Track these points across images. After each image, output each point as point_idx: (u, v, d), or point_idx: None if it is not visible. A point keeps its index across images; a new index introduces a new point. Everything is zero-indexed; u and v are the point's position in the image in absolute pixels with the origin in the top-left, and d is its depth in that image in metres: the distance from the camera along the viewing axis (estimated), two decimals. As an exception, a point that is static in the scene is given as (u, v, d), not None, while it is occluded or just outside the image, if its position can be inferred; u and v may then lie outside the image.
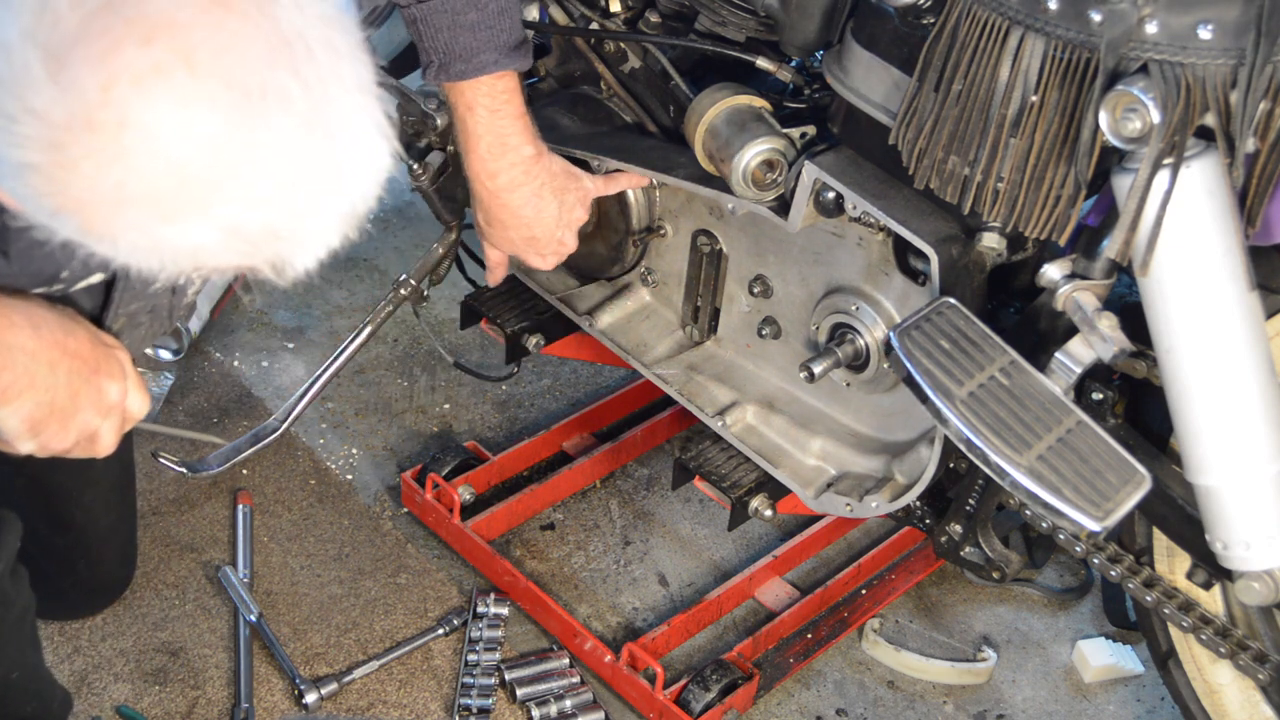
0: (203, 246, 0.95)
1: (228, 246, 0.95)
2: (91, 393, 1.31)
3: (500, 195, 1.72)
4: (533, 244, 1.80)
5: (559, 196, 1.76)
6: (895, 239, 1.72)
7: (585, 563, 2.29)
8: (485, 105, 1.64)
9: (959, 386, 1.49)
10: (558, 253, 1.83)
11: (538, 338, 2.18)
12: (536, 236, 1.78)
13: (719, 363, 2.03)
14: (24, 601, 1.64)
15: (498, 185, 1.71)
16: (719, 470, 1.97)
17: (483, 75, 1.61)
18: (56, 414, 1.29)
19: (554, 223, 1.78)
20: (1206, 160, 1.36)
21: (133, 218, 0.92)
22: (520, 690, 2.04)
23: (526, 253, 1.82)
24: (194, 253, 0.95)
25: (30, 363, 1.25)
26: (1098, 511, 1.44)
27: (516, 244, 1.80)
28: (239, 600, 2.10)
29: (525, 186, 1.72)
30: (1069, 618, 2.31)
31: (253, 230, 0.95)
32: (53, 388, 1.27)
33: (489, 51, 1.60)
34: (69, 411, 1.30)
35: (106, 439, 1.35)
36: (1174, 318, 1.41)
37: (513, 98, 1.66)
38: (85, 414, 1.31)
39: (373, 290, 2.82)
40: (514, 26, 1.62)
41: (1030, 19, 1.36)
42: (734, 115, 1.73)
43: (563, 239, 1.81)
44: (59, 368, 1.27)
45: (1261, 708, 1.78)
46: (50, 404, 1.28)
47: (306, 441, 2.44)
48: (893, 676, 2.18)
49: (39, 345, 1.26)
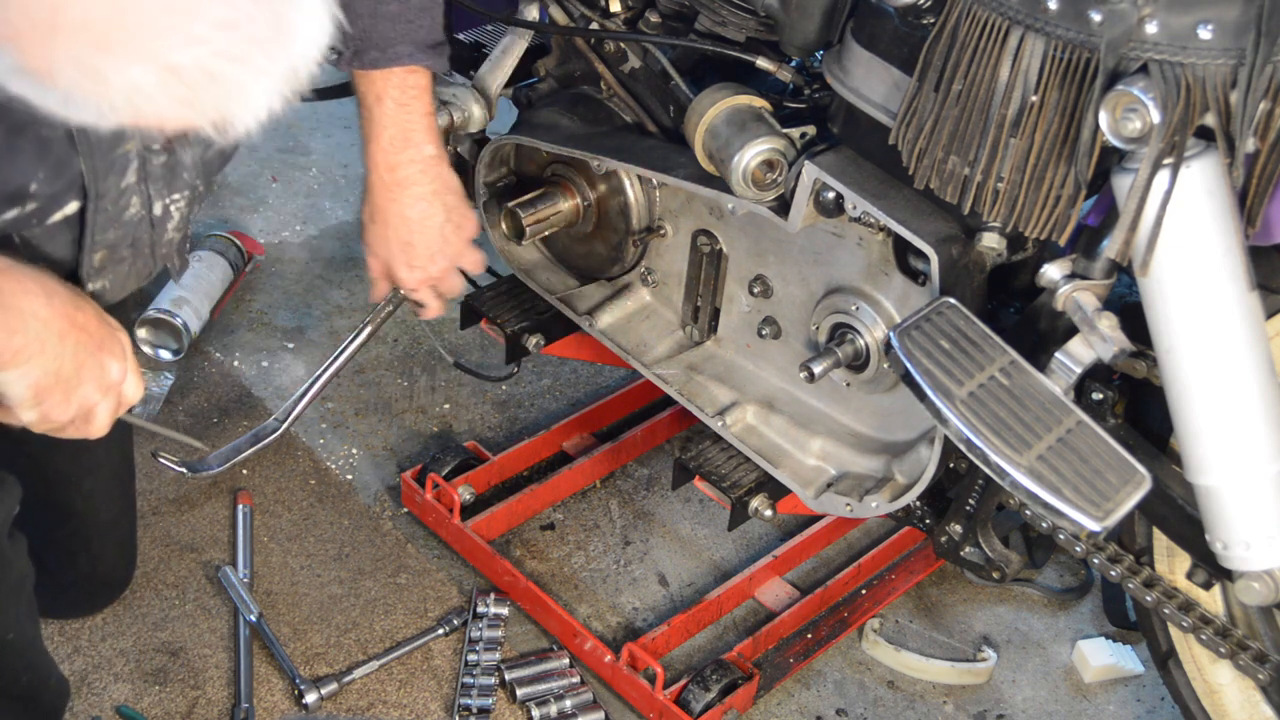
0: (140, 88, 0.94)
1: (165, 90, 0.94)
2: (95, 367, 1.34)
3: (394, 190, 1.71)
4: (408, 251, 1.75)
5: (448, 211, 1.74)
6: (895, 239, 1.72)
7: (585, 563, 2.29)
8: (394, 98, 1.65)
9: (959, 386, 1.49)
10: (427, 272, 1.77)
11: (538, 338, 2.18)
12: (414, 244, 1.75)
13: (719, 363, 2.04)
14: (22, 567, 1.64)
15: (395, 179, 1.70)
16: (719, 470, 1.97)
17: (395, 66, 1.62)
18: (61, 384, 1.31)
19: (436, 234, 1.75)
20: (1206, 160, 1.36)
21: (69, 48, 0.91)
22: (520, 690, 2.04)
23: (398, 261, 1.77)
24: (131, 96, 0.94)
25: (42, 329, 1.28)
26: (1098, 511, 1.44)
27: (393, 248, 1.76)
28: (239, 600, 2.10)
29: (420, 186, 1.71)
30: (1069, 618, 2.31)
31: (190, 72, 0.94)
32: (60, 357, 1.30)
33: (405, 44, 1.61)
34: (73, 383, 1.32)
35: (101, 418, 1.37)
36: (1174, 318, 1.41)
37: (422, 95, 1.67)
38: (87, 388, 1.34)
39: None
40: (434, 26, 1.63)
41: (1030, 19, 1.36)
42: (734, 115, 1.73)
43: (436, 258, 1.76)
44: (68, 338, 1.30)
45: (1261, 708, 1.78)
46: (56, 373, 1.30)
47: (306, 441, 2.45)
48: (893, 676, 2.18)
49: (51, 314, 1.29)
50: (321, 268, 2.87)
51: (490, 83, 2.05)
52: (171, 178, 1.39)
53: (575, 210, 2.04)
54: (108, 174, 1.31)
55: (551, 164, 2.06)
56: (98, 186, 1.31)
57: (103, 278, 1.41)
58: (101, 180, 1.31)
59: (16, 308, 1.27)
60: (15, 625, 1.65)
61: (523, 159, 2.13)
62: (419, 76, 1.65)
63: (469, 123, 2.04)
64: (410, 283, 1.79)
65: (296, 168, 3.17)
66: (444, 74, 1.71)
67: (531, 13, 1.97)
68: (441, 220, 1.74)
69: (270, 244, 2.91)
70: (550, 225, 2.04)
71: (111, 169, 1.31)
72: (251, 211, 3.01)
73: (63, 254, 1.37)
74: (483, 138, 2.12)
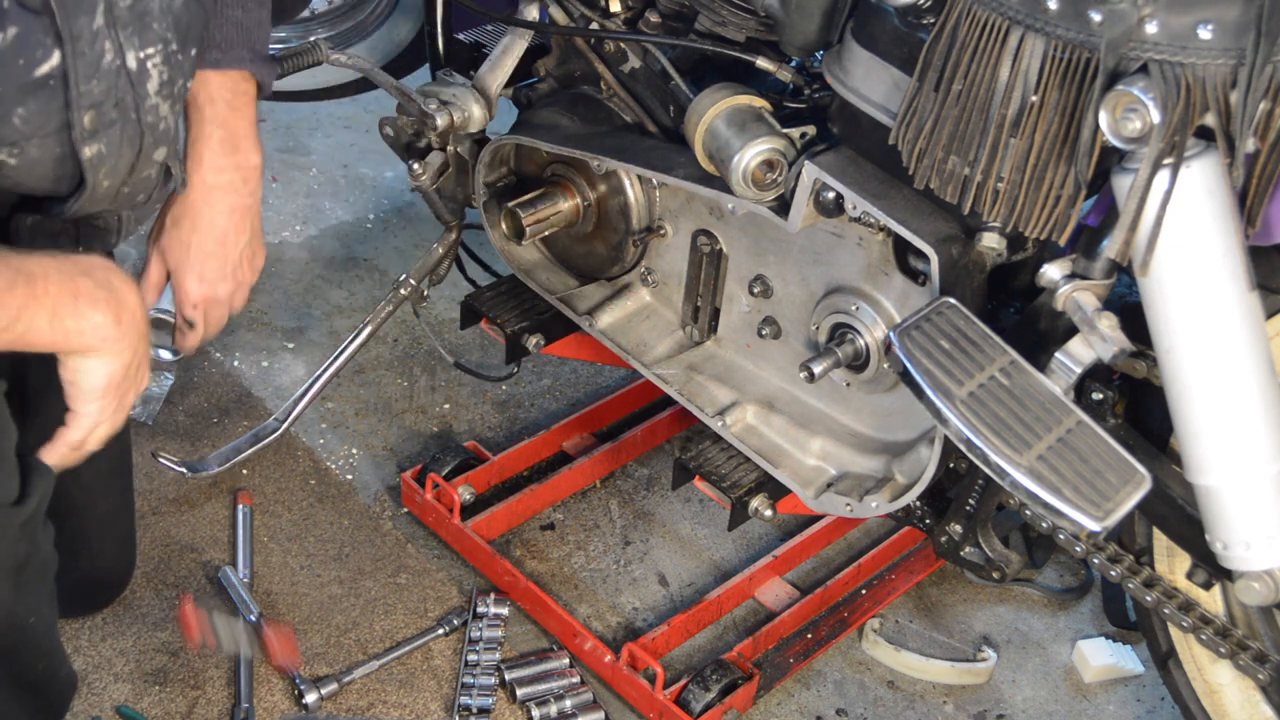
0: None
1: None
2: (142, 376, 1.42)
3: (212, 194, 1.68)
4: (205, 262, 1.70)
5: (253, 234, 1.73)
6: (895, 239, 1.72)
7: (585, 563, 2.29)
8: (227, 100, 1.65)
9: (959, 386, 1.49)
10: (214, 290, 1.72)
11: (538, 338, 2.18)
12: (213, 255, 1.70)
13: (719, 363, 2.04)
14: (47, 554, 1.65)
15: (217, 182, 1.68)
16: (719, 470, 1.97)
17: (233, 69, 1.64)
18: (126, 381, 1.40)
19: (236, 255, 1.72)
20: (1206, 160, 1.36)
21: None
22: (520, 690, 2.04)
23: (191, 272, 1.70)
24: None
25: (133, 325, 1.37)
26: (1098, 511, 1.44)
27: (192, 255, 1.70)
28: (239, 600, 2.10)
29: (239, 197, 1.69)
30: (1069, 618, 2.31)
31: None
32: (135, 355, 1.39)
33: (244, 49, 1.64)
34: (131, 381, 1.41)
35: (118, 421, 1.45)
36: (1174, 318, 1.41)
37: (251, 103, 1.69)
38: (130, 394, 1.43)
39: (373, 290, 2.82)
40: (266, 40, 1.67)
41: (1030, 19, 1.36)
42: (734, 115, 1.73)
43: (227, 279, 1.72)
44: (142, 341, 1.39)
45: (1261, 708, 1.78)
46: (127, 369, 1.39)
47: (306, 441, 2.45)
48: (893, 676, 2.18)
49: (140, 313, 1.38)
50: (321, 268, 2.87)
51: (490, 83, 2.05)
52: (141, 26, 1.41)
53: (575, 210, 2.04)
54: (77, 13, 1.32)
55: (551, 164, 2.06)
56: (71, 28, 1.32)
57: (97, 141, 1.42)
58: (73, 19, 1.32)
59: (121, 300, 1.35)
60: (37, 610, 1.66)
61: (523, 159, 2.13)
62: (250, 85, 1.68)
63: (469, 123, 2.04)
64: (194, 296, 1.73)
65: (296, 168, 3.17)
66: (266, 94, 1.74)
67: (531, 13, 1.97)
68: (248, 239, 1.73)
69: (270, 244, 2.91)
70: (550, 225, 2.04)
71: (80, 7, 1.33)
72: (251, 211, 3.01)
73: (56, 122, 1.38)
74: (483, 138, 2.12)
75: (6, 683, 1.66)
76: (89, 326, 1.35)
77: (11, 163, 1.38)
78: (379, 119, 2.11)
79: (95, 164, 1.45)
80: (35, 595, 1.65)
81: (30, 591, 1.63)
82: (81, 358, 1.38)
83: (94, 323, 1.35)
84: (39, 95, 1.35)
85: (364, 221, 3.02)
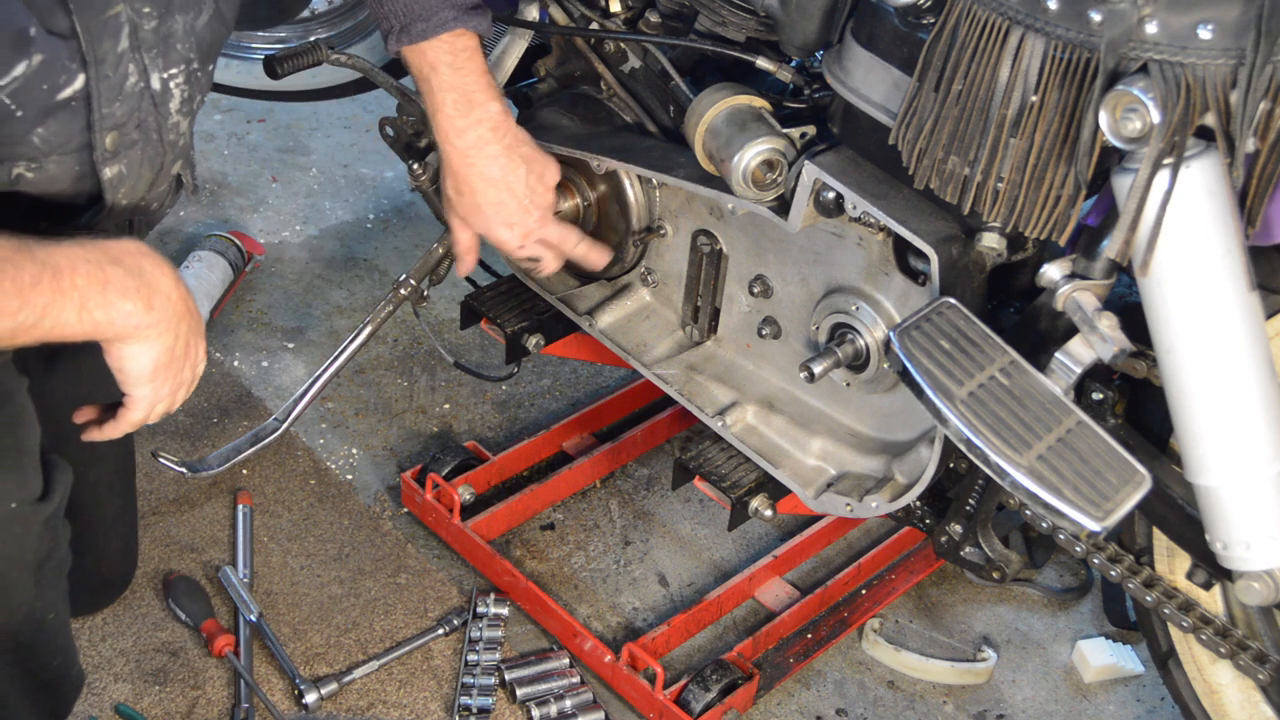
0: None
1: None
2: (196, 349, 1.44)
3: (469, 154, 1.72)
4: (502, 211, 1.76)
5: (527, 163, 1.76)
6: (895, 239, 1.72)
7: (585, 563, 2.29)
8: (447, 63, 1.66)
9: (959, 386, 1.49)
10: (525, 226, 1.79)
11: (538, 338, 2.18)
12: (505, 202, 1.76)
13: (719, 363, 2.04)
14: (64, 551, 1.66)
15: (466, 143, 1.71)
16: (719, 470, 1.97)
17: (443, 33, 1.64)
18: (174, 362, 1.41)
19: (524, 189, 1.76)
20: (1206, 160, 1.35)
21: None
22: (520, 690, 2.04)
23: (495, 223, 1.78)
24: None
25: (169, 307, 1.37)
26: (1098, 511, 1.44)
27: (485, 212, 1.77)
28: (239, 600, 2.10)
29: (494, 144, 1.72)
30: (1069, 618, 2.31)
31: None
32: (178, 335, 1.40)
33: (447, 9, 1.64)
34: (180, 363, 1.42)
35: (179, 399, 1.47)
36: (1174, 318, 1.41)
37: (474, 55, 1.68)
38: (186, 371, 1.44)
39: (373, 290, 2.82)
40: None
41: (1030, 19, 1.36)
42: (734, 115, 1.73)
43: (530, 210, 1.78)
44: (184, 320, 1.40)
45: (1261, 708, 1.78)
46: (172, 350, 1.40)
47: (306, 441, 2.45)
48: (893, 676, 2.18)
49: (176, 293, 1.38)
50: (321, 268, 2.87)
51: (490, 83, 2.05)
52: (165, 48, 1.41)
53: (575, 210, 2.04)
54: (102, 36, 1.32)
55: (551, 164, 2.06)
56: (96, 51, 1.32)
57: (118, 162, 1.42)
58: (98, 43, 1.32)
59: (153, 285, 1.35)
60: (54, 606, 1.66)
61: (523, 159, 2.13)
62: (467, 39, 1.67)
63: (469, 123, 2.04)
64: (515, 241, 1.80)
65: (296, 168, 3.17)
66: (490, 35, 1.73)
67: (531, 13, 1.97)
68: (524, 172, 1.75)
69: (270, 244, 2.91)
70: (550, 225, 2.04)
71: (105, 31, 1.32)
72: (251, 211, 3.01)
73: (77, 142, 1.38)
74: (483, 138, 2.11)
75: (22, 680, 1.66)
76: (119, 315, 1.34)
77: (29, 176, 1.38)
78: (379, 119, 2.11)
79: (115, 184, 1.45)
80: (55, 591, 1.66)
81: (50, 587, 1.63)
82: (121, 344, 1.38)
83: (124, 311, 1.34)
84: (60, 116, 1.35)
85: (364, 221, 3.02)
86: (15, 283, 1.25)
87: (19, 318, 1.27)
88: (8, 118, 1.30)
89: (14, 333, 1.28)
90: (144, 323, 1.36)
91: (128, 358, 1.39)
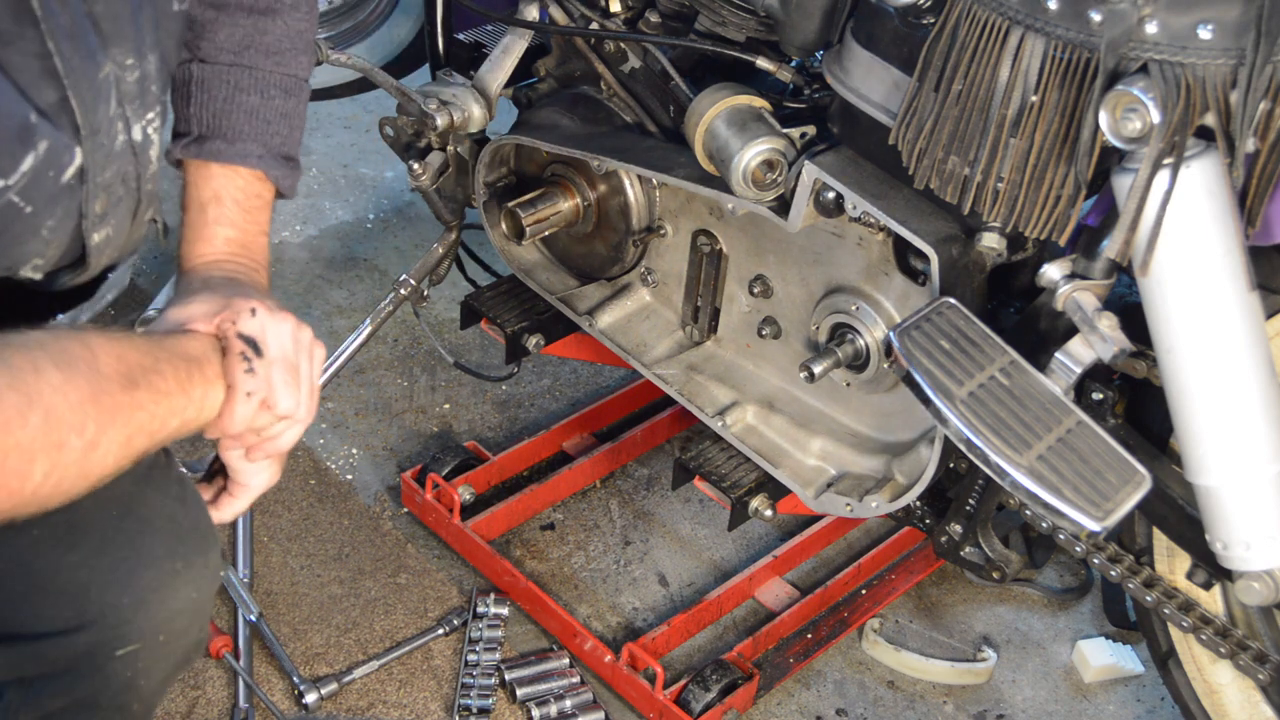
0: None
1: None
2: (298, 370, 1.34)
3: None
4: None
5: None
6: (895, 239, 1.72)
7: (585, 563, 2.29)
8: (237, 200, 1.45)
9: (959, 386, 1.49)
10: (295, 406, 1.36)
11: (538, 338, 2.18)
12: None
13: (719, 363, 2.04)
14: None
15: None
16: (719, 470, 1.97)
17: (240, 166, 1.43)
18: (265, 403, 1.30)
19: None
20: (1206, 160, 1.35)
21: None
22: (520, 690, 2.04)
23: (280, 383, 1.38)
24: None
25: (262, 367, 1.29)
26: (1098, 511, 1.44)
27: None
28: (239, 600, 2.10)
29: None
30: (1069, 618, 2.31)
31: None
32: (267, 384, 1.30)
33: (256, 144, 1.43)
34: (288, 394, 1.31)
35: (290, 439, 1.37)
36: (1174, 318, 1.41)
37: (265, 210, 1.47)
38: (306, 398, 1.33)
39: (373, 290, 2.82)
40: (291, 139, 1.46)
41: (1030, 19, 1.36)
42: (734, 115, 1.73)
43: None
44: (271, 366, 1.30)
45: (1261, 708, 1.78)
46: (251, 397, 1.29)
47: (306, 441, 2.44)
48: (893, 676, 2.18)
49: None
50: (321, 268, 2.87)
51: (490, 83, 2.05)
52: (142, 92, 1.30)
53: (575, 210, 2.04)
54: (96, 104, 1.22)
55: (551, 164, 2.06)
56: (91, 122, 1.22)
57: (106, 225, 1.32)
58: (92, 113, 1.22)
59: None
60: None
61: (523, 159, 2.13)
62: (264, 188, 1.46)
63: (469, 123, 2.04)
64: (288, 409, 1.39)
65: (296, 168, 3.17)
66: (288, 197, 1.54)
67: (531, 13, 1.97)
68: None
69: (270, 244, 2.90)
70: (550, 225, 2.04)
71: (99, 97, 1.22)
72: (251, 211, 3.01)
73: (75, 219, 1.28)
74: (483, 138, 2.12)
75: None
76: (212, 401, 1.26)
77: (36, 278, 1.31)
78: (379, 119, 2.11)
79: (101, 247, 1.35)
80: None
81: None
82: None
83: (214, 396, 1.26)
84: (63, 201, 1.26)
85: (364, 221, 3.02)
86: (176, 380, 1.20)
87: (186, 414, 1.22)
88: (16, 217, 1.18)
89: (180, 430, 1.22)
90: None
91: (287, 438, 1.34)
